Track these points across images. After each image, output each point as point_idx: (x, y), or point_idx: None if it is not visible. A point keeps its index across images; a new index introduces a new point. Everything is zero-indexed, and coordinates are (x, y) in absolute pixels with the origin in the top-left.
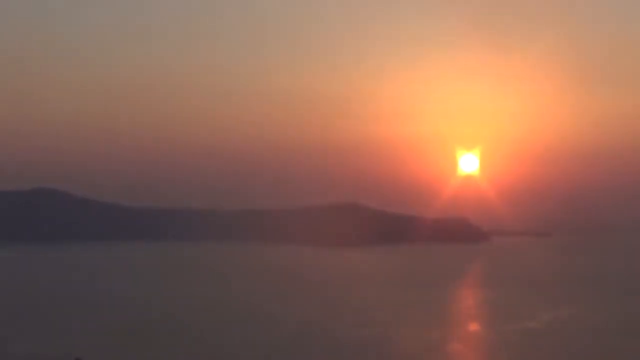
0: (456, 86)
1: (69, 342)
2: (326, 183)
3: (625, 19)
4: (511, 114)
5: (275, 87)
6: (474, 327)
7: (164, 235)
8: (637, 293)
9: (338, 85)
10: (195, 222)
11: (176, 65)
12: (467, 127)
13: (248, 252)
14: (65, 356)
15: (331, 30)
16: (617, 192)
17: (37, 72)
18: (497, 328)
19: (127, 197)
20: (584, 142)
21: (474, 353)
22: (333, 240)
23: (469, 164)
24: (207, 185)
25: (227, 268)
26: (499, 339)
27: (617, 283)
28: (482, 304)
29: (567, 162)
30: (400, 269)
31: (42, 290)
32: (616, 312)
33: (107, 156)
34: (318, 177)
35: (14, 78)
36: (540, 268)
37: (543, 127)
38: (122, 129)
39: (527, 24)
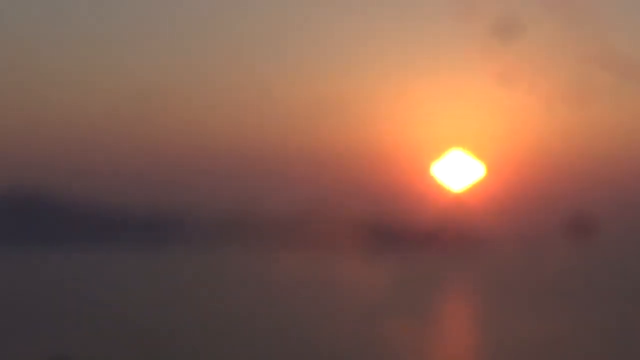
0: (452, 89)
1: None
2: (313, 189)
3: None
4: (509, 120)
5: (263, 92)
6: (460, 337)
7: (146, 240)
8: (624, 301)
9: (331, 89)
10: (185, 227)
11: (172, 67)
12: (467, 130)
13: (228, 258)
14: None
15: (324, 35)
16: (618, 200)
17: (25, 70)
18: (488, 340)
19: (117, 201)
20: (583, 147)
21: None
22: (317, 246)
23: (463, 171)
24: (196, 191)
25: (211, 276)
26: (488, 350)
27: (608, 291)
28: (471, 315)
29: (566, 167)
30: (390, 279)
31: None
32: (609, 321)
33: (95, 156)
34: (305, 184)
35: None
36: (535, 276)
37: (543, 131)
38: (114, 128)
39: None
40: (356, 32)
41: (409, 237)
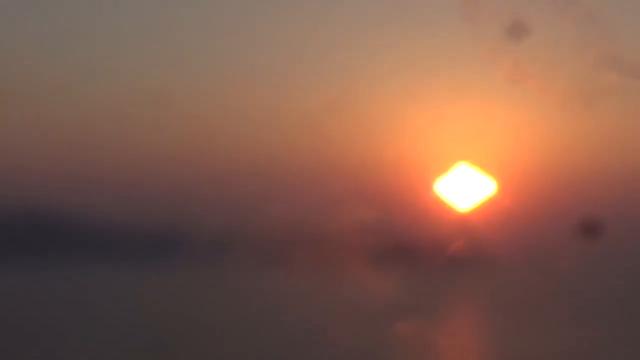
0: (457, 99)
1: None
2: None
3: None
4: (519, 130)
5: (267, 106)
6: (469, 354)
7: (149, 256)
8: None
9: (333, 98)
10: (189, 242)
11: (172, 77)
12: (474, 143)
13: (231, 274)
14: None
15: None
16: (632, 207)
17: (25, 82)
18: (498, 356)
19: (116, 217)
20: (594, 151)
21: None
22: (319, 261)
23: (471, 187)
24: (198, 205)
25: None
26: None
27: (622, 305)
28: (479, 332)
29: (578, 173)
30: (395, 295)
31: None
32: (621, 336)
33: (93, 173)
34: (308, 198)
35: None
36: (546, 293)
37: (554, 137)
38: (112, 144)
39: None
40: (361, 39)
41: (417, 254)
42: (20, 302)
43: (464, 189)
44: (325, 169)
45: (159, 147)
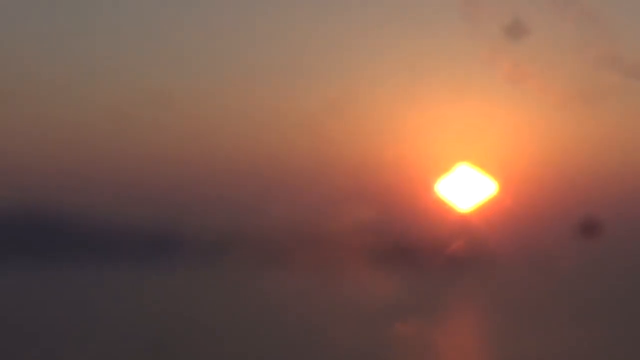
0: (456, 100)
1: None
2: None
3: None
4: (520, 130)
5: (266, 105)
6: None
7: (147, 256)
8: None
9: (332, 98)
10: (188, 242)
11: (171, 78)
12: (475, 144)
13: (230, 274)
14: None
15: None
16: (633, 207)
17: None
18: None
19: (114, 216)
20: (594, 151)
21: None
22: (319, 262)
23: (471, 188)
24: (196, 206)
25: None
26: None
27: (624, 306)
28: (479, 334)
29: (578, 173)
30: (394, 297)
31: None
32: (622, 337)
33: (91, 172)
34: (307, 198)
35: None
36: (547, 294)
37: (554, 137)
38: (111, 143)
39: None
40: (361, 39)
41: (417, 254)
42: (20, 302)
43: (465, 190)
44: (325, 169)
45: (159, 147)
